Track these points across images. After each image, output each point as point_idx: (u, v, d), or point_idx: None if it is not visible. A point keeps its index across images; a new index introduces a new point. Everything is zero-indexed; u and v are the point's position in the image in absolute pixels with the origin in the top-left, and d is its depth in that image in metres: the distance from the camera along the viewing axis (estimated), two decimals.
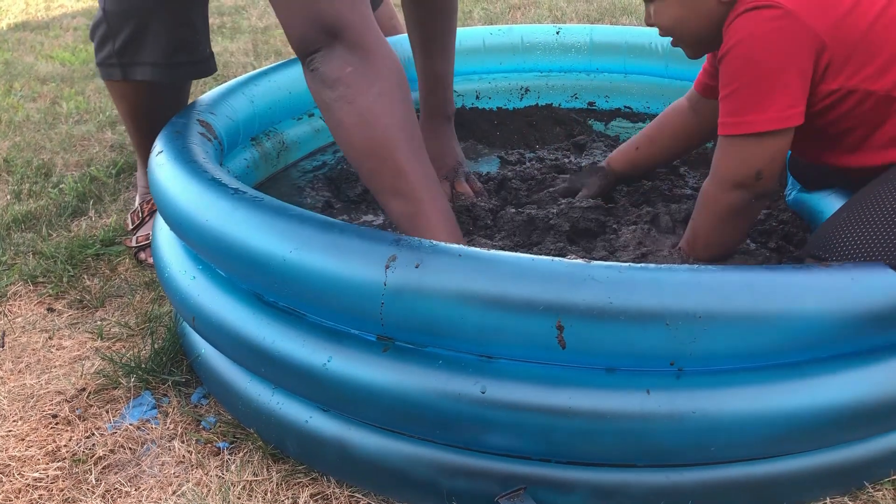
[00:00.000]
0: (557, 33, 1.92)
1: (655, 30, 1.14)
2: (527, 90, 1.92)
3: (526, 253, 0.99)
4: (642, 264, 0.82)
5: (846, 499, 0.94)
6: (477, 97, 1.89)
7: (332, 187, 1.52)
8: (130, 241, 1.53)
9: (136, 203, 1.60)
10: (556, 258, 0.83)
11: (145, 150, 1.46)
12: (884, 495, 0.94)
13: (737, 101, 1.00)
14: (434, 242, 0.84)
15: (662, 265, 0.83)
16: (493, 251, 0.84)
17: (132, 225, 1.56)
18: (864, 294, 0.85)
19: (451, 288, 0.80)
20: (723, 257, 1.15)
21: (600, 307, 0.77)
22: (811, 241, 1.06)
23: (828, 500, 0.93)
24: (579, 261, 0.82)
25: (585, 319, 0.78)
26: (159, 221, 1.23)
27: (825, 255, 1.00)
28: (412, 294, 0.81)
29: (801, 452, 0.91)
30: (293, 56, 1.32)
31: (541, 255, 1.06)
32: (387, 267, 0.82)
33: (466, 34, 1.90)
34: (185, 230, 1.05)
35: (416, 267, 0.81)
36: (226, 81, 1.53)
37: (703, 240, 1.13)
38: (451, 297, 0.80)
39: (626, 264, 0.82)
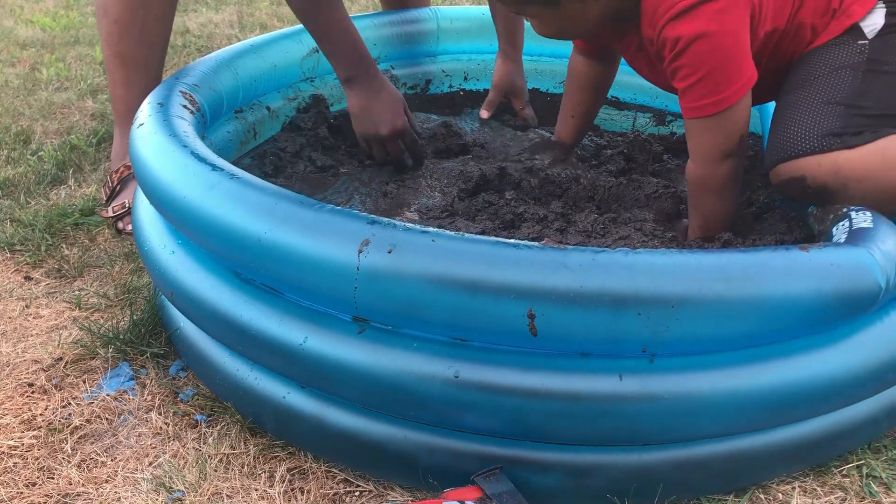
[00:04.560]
0: None
1: None
2: None
3: (506, 236, 0.99)
4: (618, 248, 0.82)
5: (815, 485, 0.96)
6: (465, 78, 1.88)
7: (313, 161, 1.52)
8: (107, 212, 1.53)
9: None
10: (530, 243, 0.83)
11: (123, 102, 1.53)
12: (851, 481, 0.97)
13: (709, 83, 1.07)
14: (408, 226, 0.85)
15: (636, 249, 0.83)
16: (466, 235, 0.84)
17: (106, 197, 1.56)
18: (839, 278, 0.85)
19: (423, 273, 0.81)
20: (732, 222, 1.21)
21: (572, 294, 0.78)
22: (767, 155, 1.12)
23: (796, 485, 0.96)
24: (553, 246, 0.82)
25: (557, 307, 0.79)
26: (140, 194, 1.22)
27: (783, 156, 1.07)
28: (385, 279, 0.82)
29: (769, 428, 0.92)
30: (278, 29, 1.32)
31: (520, 238, 1.07)
32: (360, 251, 0.82)
33: (455, 14, 1.89)
34: (163, 205, 1.05)
35: (389, 252, 0.81)
36: (210, 53, 1.51)
37: (717, 219, 1.18)
38: (424, 282, 0.81)
39: (600, 249, 0.82)
